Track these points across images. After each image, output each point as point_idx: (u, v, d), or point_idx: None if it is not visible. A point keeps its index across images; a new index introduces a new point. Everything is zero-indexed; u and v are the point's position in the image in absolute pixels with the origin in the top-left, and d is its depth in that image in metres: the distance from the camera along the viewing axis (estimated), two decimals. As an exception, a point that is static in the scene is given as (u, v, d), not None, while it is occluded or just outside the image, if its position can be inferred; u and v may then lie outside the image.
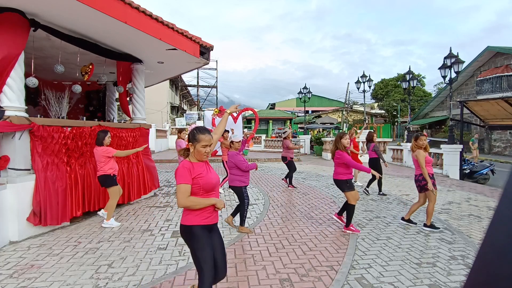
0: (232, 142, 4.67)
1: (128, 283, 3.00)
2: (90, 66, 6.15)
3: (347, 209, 4.49)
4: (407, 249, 3.88)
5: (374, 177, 6.32)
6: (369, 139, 7.29)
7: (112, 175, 4.71)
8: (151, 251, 3.75)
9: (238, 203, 4.62)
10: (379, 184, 7.07)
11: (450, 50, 11.14)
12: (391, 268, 3.33)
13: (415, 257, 3.62)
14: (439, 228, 4.63)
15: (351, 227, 4.51)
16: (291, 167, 7.84)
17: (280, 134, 24.99)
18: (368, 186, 7.25)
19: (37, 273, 3.21)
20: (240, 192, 4.46)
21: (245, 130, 10.46)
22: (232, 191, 4.64)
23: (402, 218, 4.96)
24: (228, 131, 7.11)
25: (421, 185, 4.60)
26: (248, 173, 4.55)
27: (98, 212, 5.10)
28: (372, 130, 7.45)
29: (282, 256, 3.63)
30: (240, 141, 4.69)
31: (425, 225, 4.68)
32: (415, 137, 4.76)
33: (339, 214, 4.82)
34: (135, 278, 3.10)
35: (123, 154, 4.96)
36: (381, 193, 7.01)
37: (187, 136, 7.63)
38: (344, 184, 4.49)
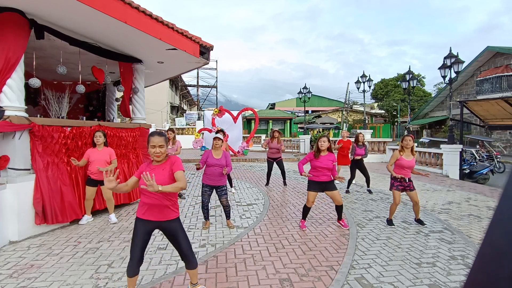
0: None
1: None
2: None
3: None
4: (407, 249, 3.88)
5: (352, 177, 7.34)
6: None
7: None
8: (151, 251, 3.75)
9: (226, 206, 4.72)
10: (349, 182, 7.39)
11: (450, 50, 11.12)
12: (391, 268, 3.34)
13: (415, 257, 3.62)
14: (394, 225, 4.81)
15: (301, 222, 4.73)
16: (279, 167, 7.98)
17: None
18: (368, 185, 7.34)
19: (37, 273, 3.21)
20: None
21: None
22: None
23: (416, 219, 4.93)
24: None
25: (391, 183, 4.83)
26: (212, 173, 4.49)
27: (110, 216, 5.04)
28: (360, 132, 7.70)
29: (282, 256, 3.63)
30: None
31: (387, 220, 4.91)
32: (402, 137, 4.91)
33: (339, 219, 4.82)
34: (135, 278, 3.09)
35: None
36: (348, 189, 7.37)
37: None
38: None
